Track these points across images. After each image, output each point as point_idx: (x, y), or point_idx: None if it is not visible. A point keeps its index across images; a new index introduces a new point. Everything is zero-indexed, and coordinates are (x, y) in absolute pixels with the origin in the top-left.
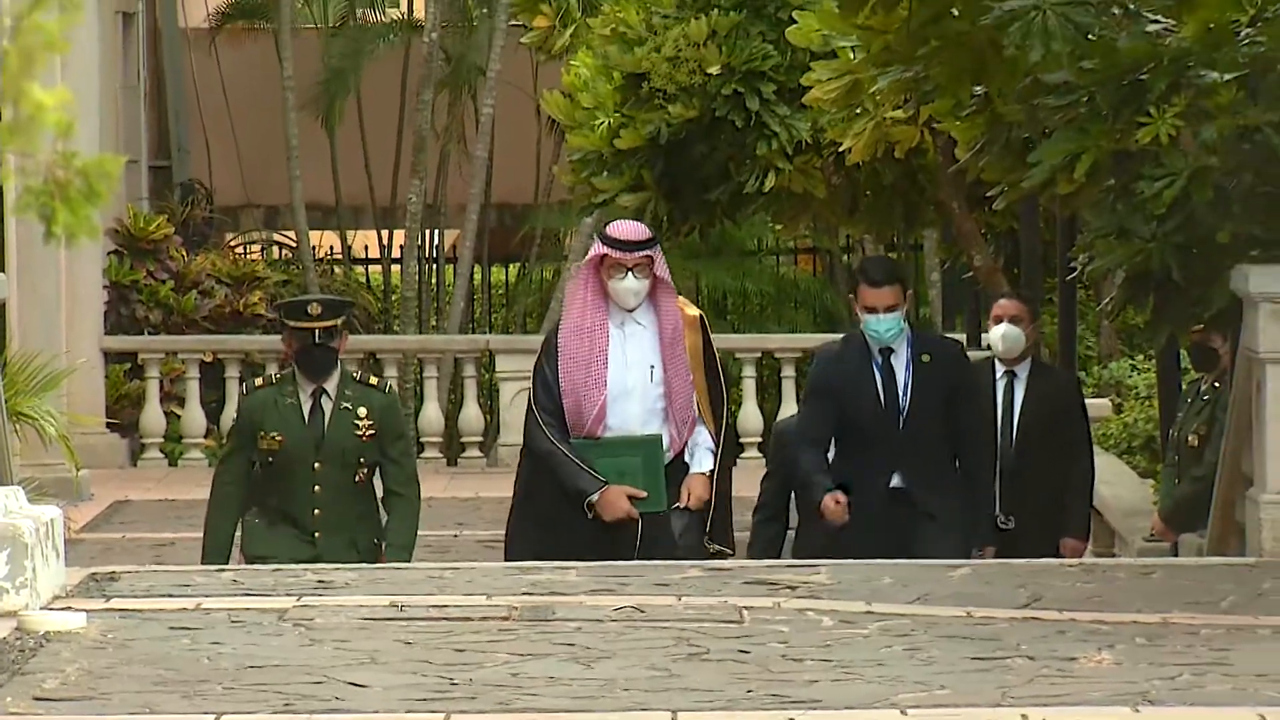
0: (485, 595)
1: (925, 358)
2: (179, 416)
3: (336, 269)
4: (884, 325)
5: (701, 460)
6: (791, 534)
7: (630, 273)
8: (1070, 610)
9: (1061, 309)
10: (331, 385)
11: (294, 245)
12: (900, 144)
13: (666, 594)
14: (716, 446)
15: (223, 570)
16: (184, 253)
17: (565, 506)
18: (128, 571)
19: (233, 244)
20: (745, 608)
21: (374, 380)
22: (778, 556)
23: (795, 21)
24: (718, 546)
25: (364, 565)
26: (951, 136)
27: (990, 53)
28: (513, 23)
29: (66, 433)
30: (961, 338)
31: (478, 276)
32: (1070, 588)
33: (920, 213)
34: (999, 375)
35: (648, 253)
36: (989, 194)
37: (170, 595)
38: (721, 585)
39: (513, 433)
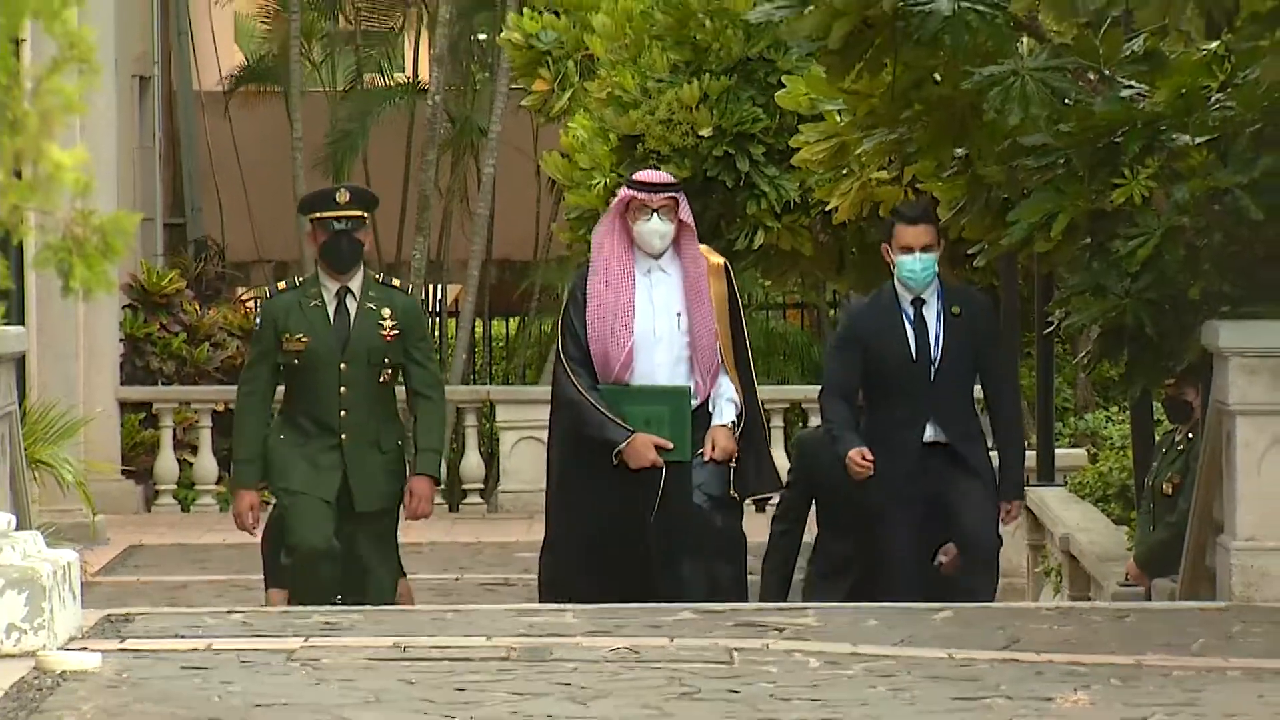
0: (485, 636)
1: (956, 309)
2: (191, 464)
3: None
4: (920, 265)
5: (724, 411)
6: (809, 542)
7: (656, 214)
8: (1048, 652)
9: (1039, 362)
10: (355, 285)
11: None
12: (885, 203)
13: (659, 635)
14: (740, 396)
15: (232, 612)
16: (197, 306)
17: (591, 456)
18: (141, 613)
19: (244, 298)
20: (735, 649)
21: (396, 282)
22: (792, 570)
23: (784, 86)
24: (753, 494)
25: (368, 608)
26: (934, 196)
27: (970, 116)
28: (513, 86)
29: (83, 479)
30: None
31: (479, 329)
32: (1048, 630)
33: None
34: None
35: (673, 194)
36: (970, 251)
37: (182, 636)
38: (712, 627)
39: (513, 479)
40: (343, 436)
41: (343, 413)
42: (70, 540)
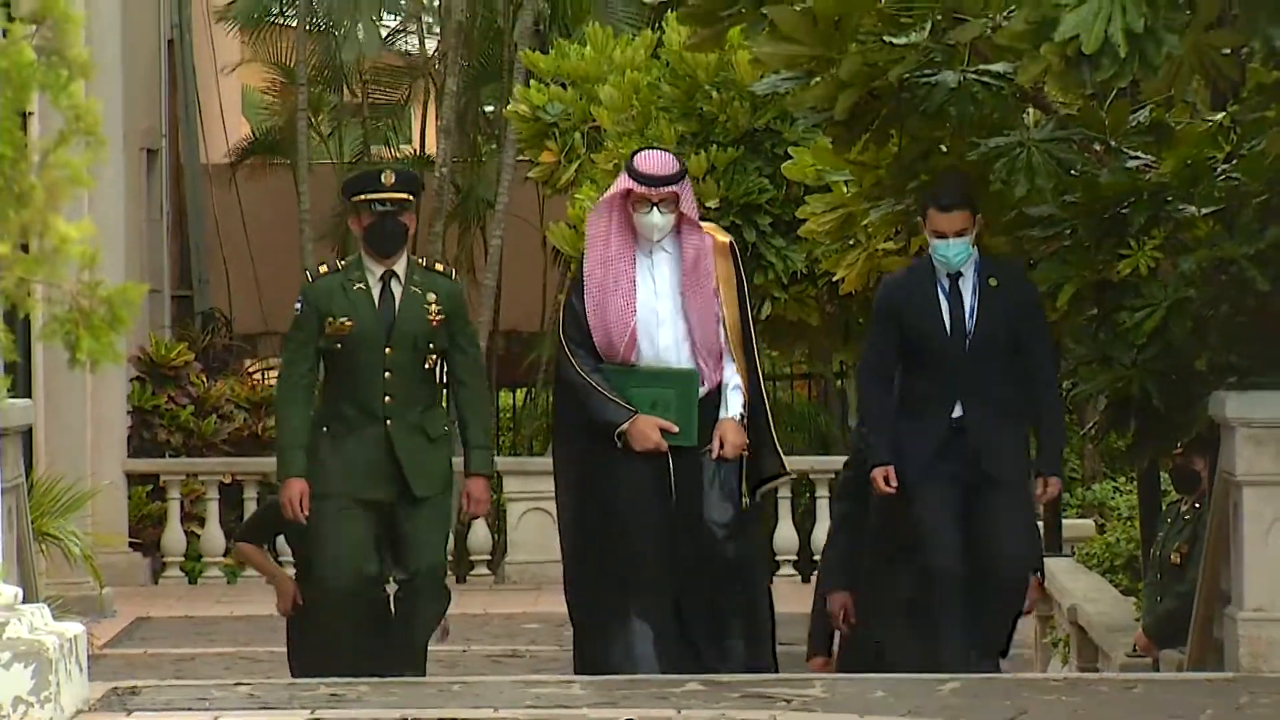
0: (492, 709)
1: (993, 281)
2: (199, 536)
3: None
4: (953, 250)
5: (731, 403)
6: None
7: (656, 208)
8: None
9: None
10: (400, 269)
11: None
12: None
13: (666, 707)
14: (744, 383)
15: (239, 684)
16: (204, 379)
17: (599, 446)
18: (148, 686)
19: (251, 370)
20: None
21: (439, 266)
22: (858, 553)
23: (791, 157)
24: (763, 481)
25: (374, 680)
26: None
27: (977, 186)
28: (520, 158)
29: (90, 552)
30: None
31: None
32: (1056, 701)
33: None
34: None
35: (674, 189)
36: None
37: (189, 709)
38: (719, 699)
39: (520, 551)
40: (388, 422)
41: (387, 398)
42: (77, 613)
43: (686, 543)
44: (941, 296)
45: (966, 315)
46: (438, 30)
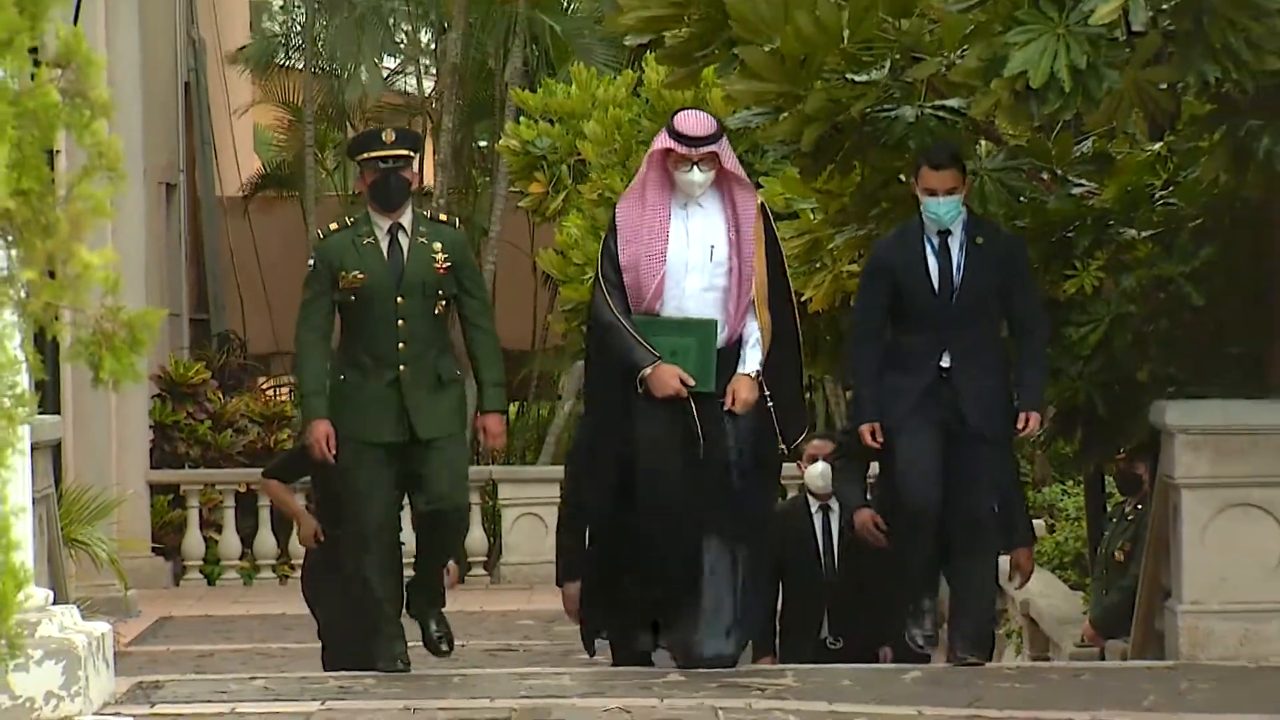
0: (488, 699)
1: (979, 239)
2: (217, 541)
3: None
4: (943, 208)
5: (748, 359)
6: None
7: (696, 166)
8: (1010, 709)
9: None
10: (406, 221)
11: None
12: (854, 294)
13: (650, 696)
14: (766, 339)
15: (254, 678)
16: (220, 395)
17: (624, 384)
18: (170, 680)
19: (264, 387)
20: (720, 708)
21: (444, 217)
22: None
23: (761, 186)
24: (785, 436)
25: (382, 674)
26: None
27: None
28: (511, 189)
29: (116, 556)
30: None
31: None
32: (1010, 689)
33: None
34: (814, 509)
35: (713, 148)
36: None
37: (208, 701)
38: (698, 688)
39: (514, 553)
40: (401, 368)
41: (400, 345)
42: (104, 613)
43: (708, 483)
44: (930, 254)
45: (954, 272)
46: (434, 71)
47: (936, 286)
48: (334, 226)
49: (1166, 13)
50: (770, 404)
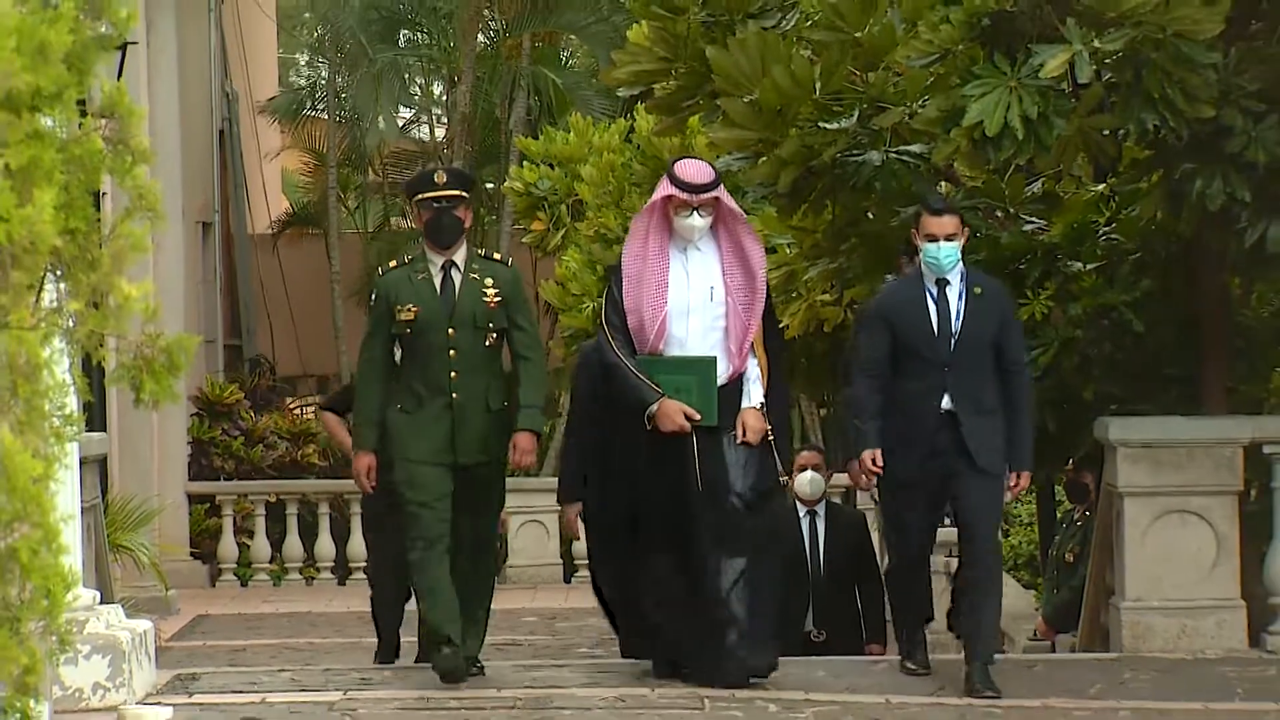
0: (495, 689)
1: (978, 290)
2: (249, 546)
3: None
4: (943, 253)
5: (752, 393)
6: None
7: (696, 212)
8: (969, 697)
9: None
10: (459, 258)
11: None
12: (828, 321)
13: (643, 686)
14: (765, 376)
15: (283, 670)
16: (252, 414)
17: (627, 429)
18: (206, 672)
19: (291, 406)
20: (706, 696)
21: (497, 255)
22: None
23: None
24: (781, 474)
25: (400, 667)
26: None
27: (898, 248)
28: (515, 226)
29: (157, 560)
30: None
31: None
32: None
33: (846, 376)
34: (803, 514)
35: (713, 194)
36: None
37: (241, 691)
38: (686, 679)
39: (519, 556)
40: (454, 396)
41: (453, 374)
42: (146, 612)
43: (711, 511)
44: (930, 302)
45: (953, 319)
46: (445, 121)
47: (936, 333)
48: (393, 264)
49: (1109, 66)
50: (771, 435)
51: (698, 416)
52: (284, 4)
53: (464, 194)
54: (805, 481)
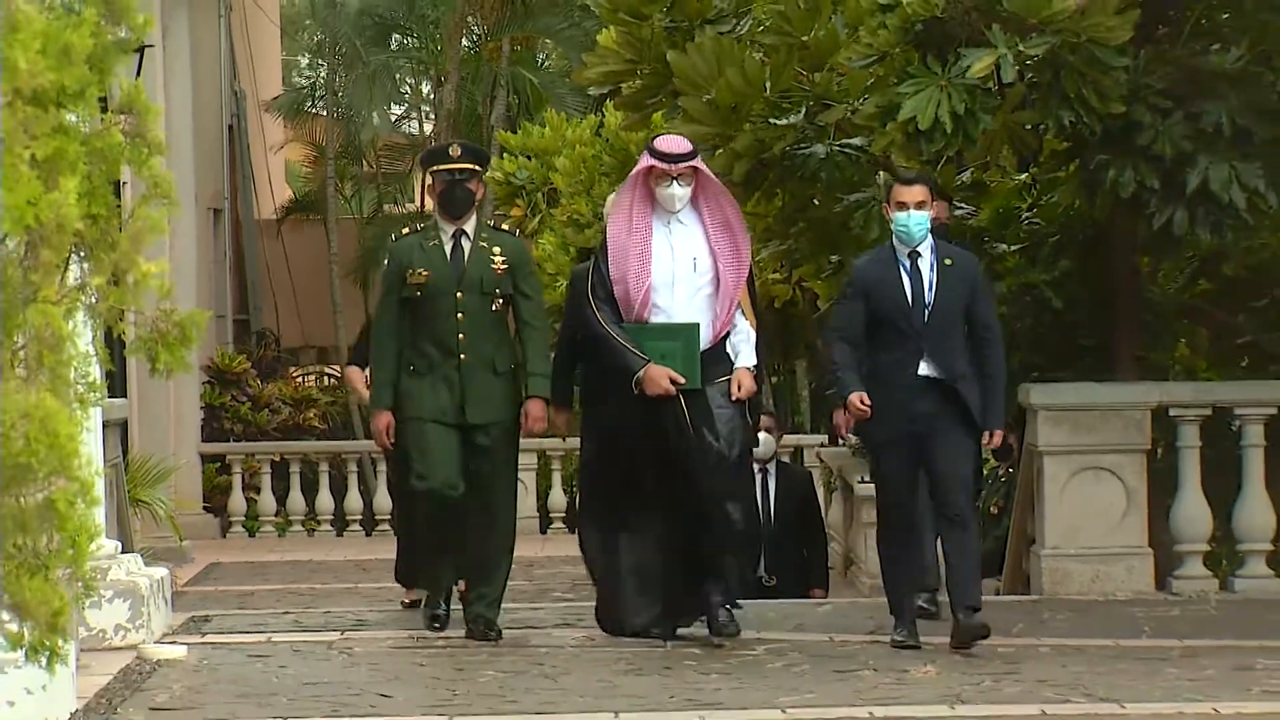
0: None
1: (948, 261)
2: (256, 501)
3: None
4: (914, 220)
5: (744, 355)
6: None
7: (675, 181)
8: (956, 650)
9: None
10: (469, 227)
11: (338, 376)
12: (778, 298)
13: None
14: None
15: (287, 613)
16: (258, 382)
17: (621, 398)
18: (217, 615)
19: (294, 375)
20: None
21: (505, 226)
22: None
23: None
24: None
25: (391, 610)
26: (815, 292)
27: (841, 231)
28: (496, 212)
29: (173, 514)
30: (824, 438)
31: None
32: None
33: (793, 348)
34: (756, 470)
35: (692, 163)
36: None
37: (248, 632)
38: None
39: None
40: (462, 357)
41: (460, 336)
42: (163, 560)
43: (699, 463)
44: (903, 274)
45: (926, 290)
46: (433, 116)
47: (910, 302)
48: (405, 230)
49: (1030, 68)
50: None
51: (683, 380)
52: (288, 10)
53: (477, 168)
54: (759, 442)
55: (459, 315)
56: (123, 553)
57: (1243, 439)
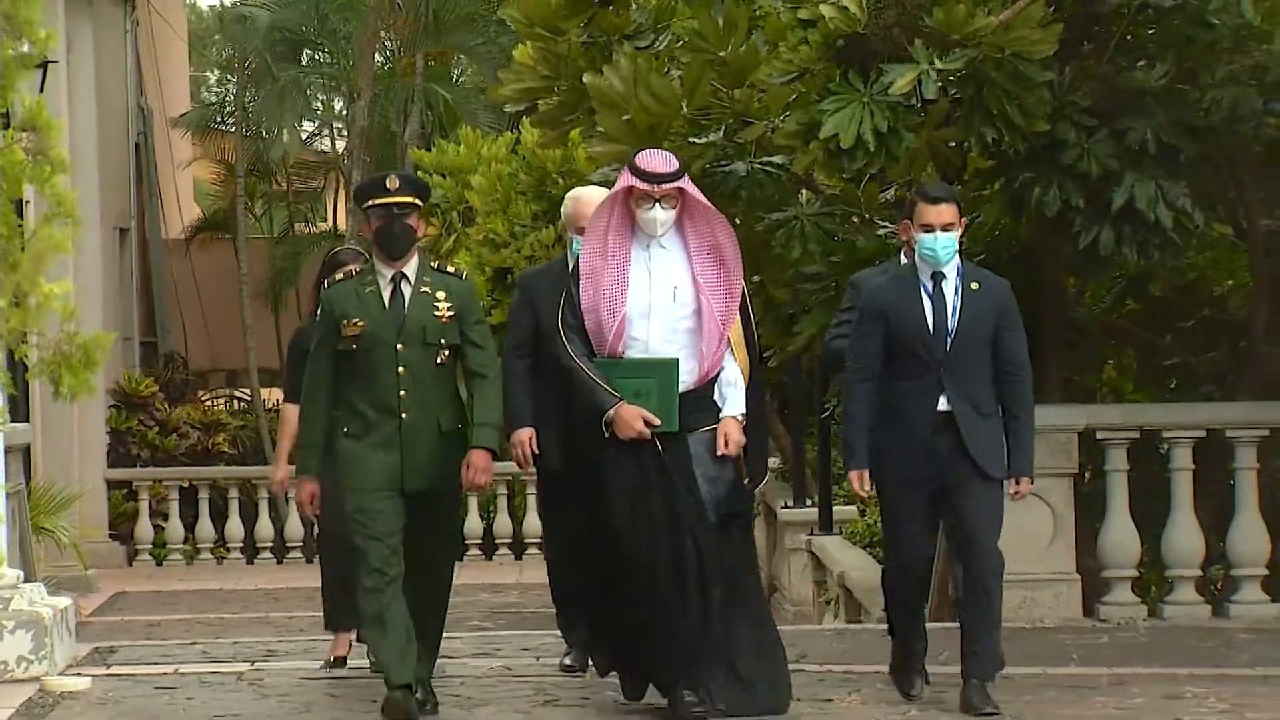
0: None
1: (975, 285)
2: (164, 528)
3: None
4: (941, 244)
5: (732, 401)
6: None
7: (658, 204)
8: (829, 663)
9: (820, 438)
10: (410, 270)
11: (248, 399)
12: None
13: (528, 656)
14: (746, 380)
15: (194, 643)
16: (166, 406)
17: (588, 431)
18: (124, 645)
19: (202, 399)
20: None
21: (450, 268)
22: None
23: None
24: (751, 480)
25: (301, 640)
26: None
27: (763, 250)
28: None
29: (78, 541)
30: None
31: None
32: (829, 646)
33: (827, 365)
34: None
35: (676, 184)
36: (764, 354)
37: (155, 663)
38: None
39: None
40: (403, 417)
41: (402, 393)
42: (67, 589)
43: (678, 528)
44: (925, 298)
45: (949, 316)
46: (345, 134)
47: (932, 329)
48: (339, 276)
49: (953, 84)
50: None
51: (657, 422)
52: (195, 25)
53: (418, 201)
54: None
55: (400, 370)
56: (25, 582)
57: (1171, 462)
